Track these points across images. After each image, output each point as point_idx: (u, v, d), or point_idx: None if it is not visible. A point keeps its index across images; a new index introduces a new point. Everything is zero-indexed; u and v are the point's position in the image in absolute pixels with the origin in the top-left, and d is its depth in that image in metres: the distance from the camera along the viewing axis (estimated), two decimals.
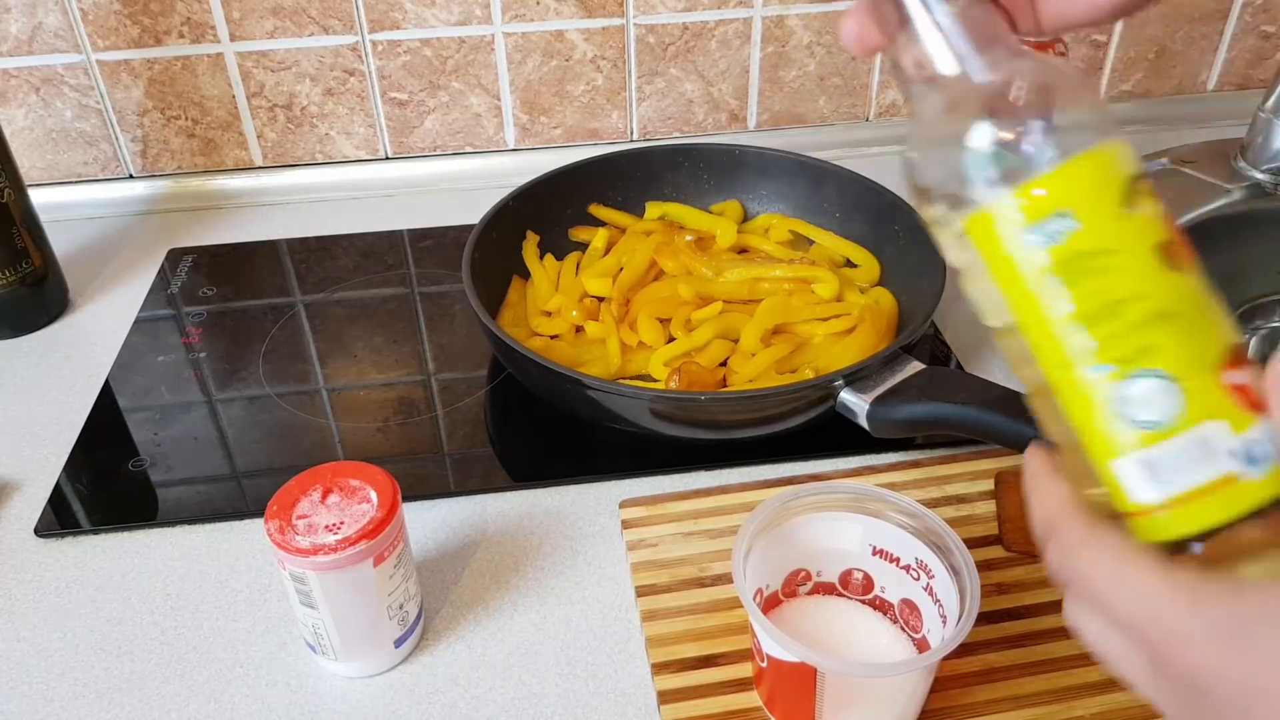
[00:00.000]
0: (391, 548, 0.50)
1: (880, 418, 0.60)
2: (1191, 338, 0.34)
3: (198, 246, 0.91)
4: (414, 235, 0.92)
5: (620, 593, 0.58)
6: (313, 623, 0.51)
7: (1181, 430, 0.34)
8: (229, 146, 0.97)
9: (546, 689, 0.53)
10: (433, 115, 0.97)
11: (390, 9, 0.91)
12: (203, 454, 0.68)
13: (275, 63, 0.92)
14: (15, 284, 0.78)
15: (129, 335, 0.79)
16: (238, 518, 0.63)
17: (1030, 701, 0.50)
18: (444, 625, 0.56)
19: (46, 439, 0.70)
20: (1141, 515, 0.34)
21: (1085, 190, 0.35)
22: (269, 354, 0.77)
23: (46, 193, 0.93)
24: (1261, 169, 0.86)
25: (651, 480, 0.65)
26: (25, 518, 0.64)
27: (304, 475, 0.52)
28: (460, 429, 0.70)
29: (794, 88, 1.00)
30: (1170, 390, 0.34)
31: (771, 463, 0.66)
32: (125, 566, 0.60)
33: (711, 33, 0.96)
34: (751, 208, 0.85)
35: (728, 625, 0.54)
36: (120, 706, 0.53)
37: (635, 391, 0.63)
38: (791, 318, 0.72)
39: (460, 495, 0.64)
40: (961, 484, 0.63)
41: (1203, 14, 1.01)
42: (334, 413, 0.72)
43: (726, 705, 0.51)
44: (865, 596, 0.53)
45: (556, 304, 0.74)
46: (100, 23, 0.89)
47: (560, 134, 1.00)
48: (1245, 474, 0.33)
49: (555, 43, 0.94)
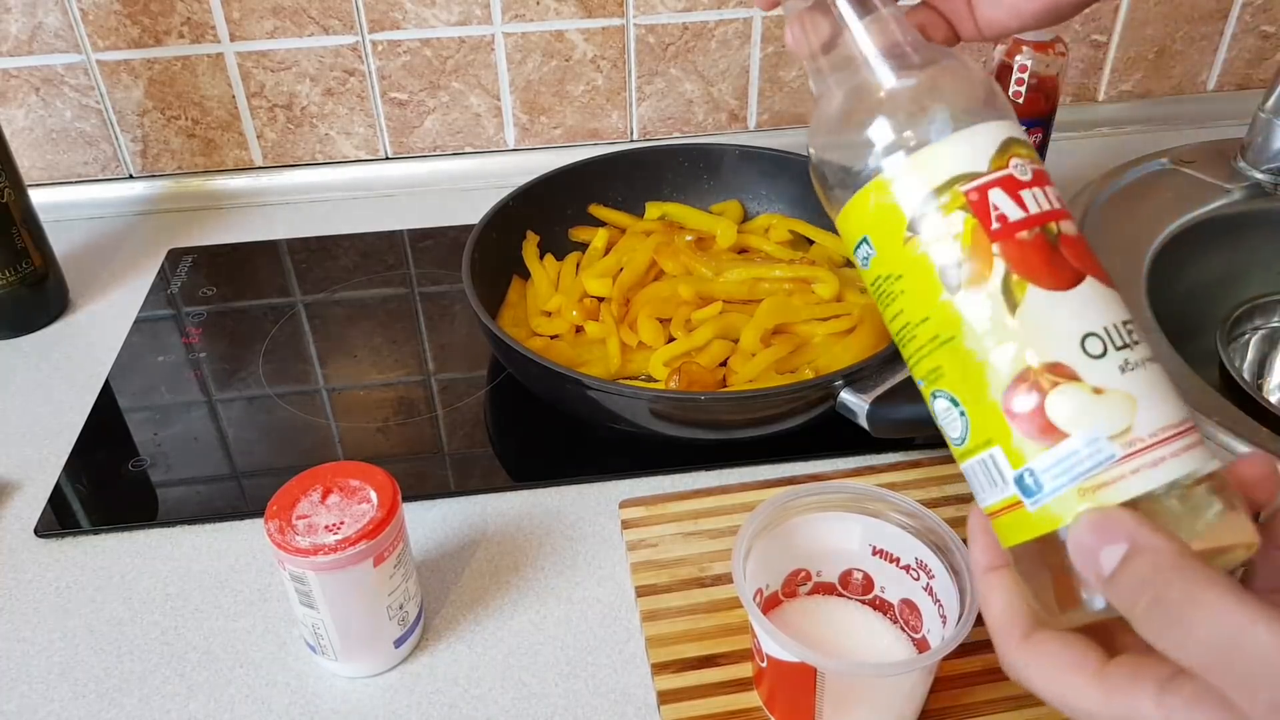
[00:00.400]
0: (391, 548, 0.50)
1: (880, 418, 0.60)
2: (968, 364, 0.33)
3: (198, 246, 0.91)
4: (414, 235, 0.92)
5: (620, 593, 0.58)
6: (313, 623, 0.51)
7: (975, 451, 0.34)
8: (229, 146, 0.97)
9: (546, 689, 0.53)
10: (433, 115, 0.97)
11: (390, 9, 0.91)
12: (203, 454, 0.68)
13: (275, 63, 0.92)
14: (15, 284, 0.78)
15: (129, 335, 0.79)
16: (238, 518, 0.63)
17: (1030, 701, 0.50)
18: (444, 625, 0.56)
19: (46, 439, 0.70)
20: (991, 517, 0.35)
21: (875, 216, 0.35)
22: (269, 354, 0.77)
23: (46, 193, 0.93)
24: (1261, 169, 0.86)
25: (651, 480, 0.65)
26: (25, 518, 0.64)
27: (304, 475, 0.52)
28: (460, 429, 0.70)
29: (794, 88, 1.00)
30: (956, 412, 0.34)
31: (771, 463, 0.66)
32: (125, 566, 0.60)
33: (711, 33, 0.96)
34: (751, 208, 0.85)
35: (728, 625, 0.54)
36: (120, 706, 0.53)
37: (635, 391, 0.63)
38: (791, 318, 0.72)
39: (460, 495, 0.64)
40: (961, 484, 0.63)
41: (1203, 14, 1.01)
42: (334, 413, 0.72)
43: (726, 705, 0.51)
44: (865, 596, 0.53)
45: (556, 304, 0.74)
46: (100, 23, 0.89)
47: (560, 134, 1.00)
48: (1026, 503, 0.32)
49: (555, 43, 0.94)
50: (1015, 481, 0.32)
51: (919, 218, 0.34)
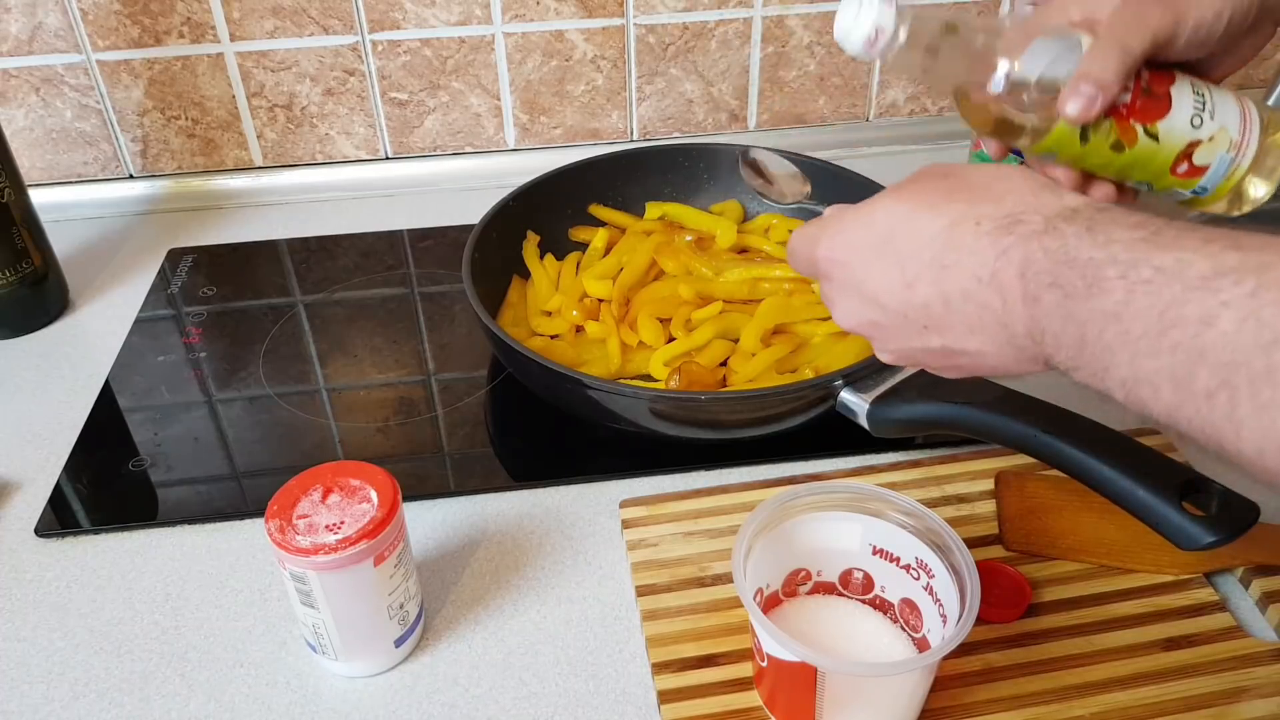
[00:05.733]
0: (392, 547, 0.50)
1: (880, 418, 0.60)
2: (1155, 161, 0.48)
3: (198, 246, 0.91)
4: (414, 235, 0.92)
5: (620, 593, 0.58)
6: (313, 622, 0.51)
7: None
8: (229, 146, 0.97)
9: (546, 689, 0.53)
10: (433, 115, 0.97)
11: (390, 9, 0.91)
12: (203, 454, 0.68)
13: (275, 63, 0.92)
14: (15, 284, 0.78)
15: (129, 335, 0.79)
16: (238, 518, 0.63)
17: (1030, 701, 0.50)
18: (444, 625, 0.56)
19: (46, 439, 0.70)
20: None
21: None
22: (269, 354, 0.77)
23: (46, 193, 0.93)
24: None
25: (651, 480, 0.65)
26: (25, 518, 0.64)
27: (304, 475, 0.52)
28: (460, 429, 0.70)
29: (794, 88, 1.00)
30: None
31: (771, 463, 0.66)
32: (125, 566, 0.60)
33: (711, 33, 0.96)
34: (751, 208, 0.85)
35: (728, 625, 0.54)
36: (120, 706, 0.53)
37: (635, 391, 0.63)
38: (791, 318, 0.72)
39: (460, 495, 0.64)
40: (961, 484, 0.63)
41: None
42: (334, 413, 0.72)
43: (726, 705, 0.51)
44: (865, 596, 0.53)
45: (556, 304, 0.74)
46: (100, 23, 0.89)
47: (560, 134, 1.00)
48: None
49: (555, 43, 0.94)
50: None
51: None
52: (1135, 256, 0.34)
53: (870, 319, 0.44)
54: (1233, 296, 0.31)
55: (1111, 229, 0.35)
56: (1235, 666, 0.52)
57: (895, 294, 0.42)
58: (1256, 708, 0.50)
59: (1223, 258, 0.32)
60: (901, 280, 0.42)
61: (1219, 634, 0.53)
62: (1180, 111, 0.47)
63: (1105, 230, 0.35)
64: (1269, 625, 0.55)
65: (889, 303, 0.42)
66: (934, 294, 0.40)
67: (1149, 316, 0.33)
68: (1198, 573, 0.56)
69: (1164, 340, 0.32)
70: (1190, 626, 0.54)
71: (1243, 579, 0.57)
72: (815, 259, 0.46)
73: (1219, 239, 0.33)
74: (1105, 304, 0.34)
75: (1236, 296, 0.31)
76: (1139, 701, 0.50)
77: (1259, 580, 0.56)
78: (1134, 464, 0.49)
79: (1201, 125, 0.47)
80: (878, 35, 0.46)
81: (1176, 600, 0.55)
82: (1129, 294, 0.33)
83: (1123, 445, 0.50)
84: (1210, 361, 0.31)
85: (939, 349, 0.42)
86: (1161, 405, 0.33)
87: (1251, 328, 0.30)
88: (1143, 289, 0.33)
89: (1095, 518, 0.59)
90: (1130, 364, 0.33)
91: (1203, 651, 0.52)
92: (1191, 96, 0.48)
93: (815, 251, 0.46)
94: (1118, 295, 0.34)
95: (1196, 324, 0.31)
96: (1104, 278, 0.34)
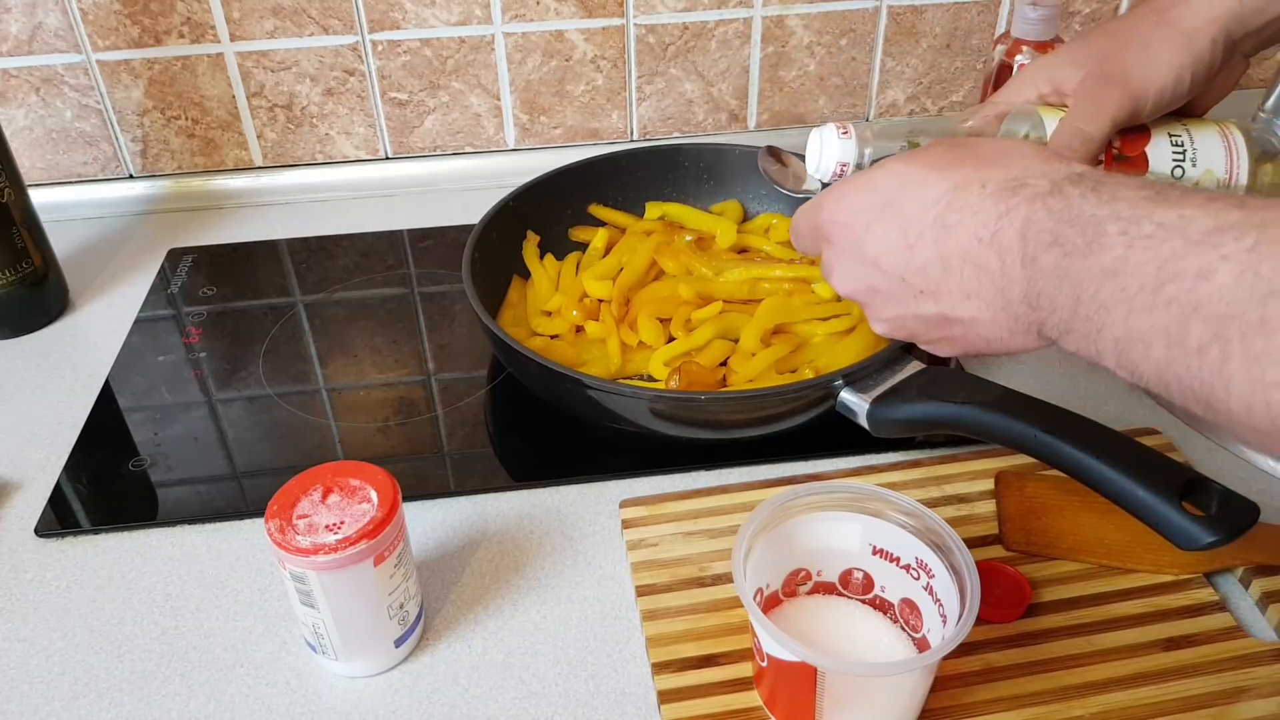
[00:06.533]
0: (392, 547, 0.50)
1: (880, 418, 0.60)
2: None
3: (198, 246, 0.91)
4: (414, 235, 0.92)
5: (620, 593, 0.58)
6: (313, 622, 0.51)
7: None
8: (229, 146, 0.97)
9: (546, 689, 0.53)
10: (433, 115, 0.97)
11: (390, 9, 0.91)
12: (203, 454, 0.68)
13: (275, 63, 0.92)
14: (15, 284, 0.78)
15: (129, 335, 0.79)
16: (238, 518, 0.63)
17: (1030, 701, 0.50)
18: (444, 625, 0.56)
19: (46, 439, 0.70)
20: None
21: None
22: (269, 354, 0.77)
23: (46, 193, 0.93)
24: None
25: (651, 480, 0.65)
26: (25, 518, 0.64)
27: (304, 475, 0.52)
28: (460, 429, 0.70)
29: (794, 88, 1.00)
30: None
31: (771, 463, 0.66)
32: (125, 566, 0.60)
33: (711, 33, 0.96)
34: (751, 208, 0.85)
35: (728, 625, 0.54)
36: (120, 706, 0.53)
37: (635, 391, 0.63)
38: (791, 318, 0.72)
39: (460, 495, 0.64)
40: (961, 484, 0.63)
41: None
42: (334, 413, 0.72)
43: (726, 705, 0.51)
44: (865, 596, 0.53)
45: (556, 304, 0.74)
46: (100, 23, 0.89)
47: (560, 134, 1.00)
48: None
49: (555, 43, 0.94)
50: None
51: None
52: (1138, 213, 0.34)
53: (868, 283, 0.44)
54: (1232, 250, 0.31)
55: (1117, 189, 0.36)
56: (1235, 666, 0.52)
57: (895, 256, 0.42)
58: (1256, 708, 0.50)
59: (1225, 214, 0.32)
60: (903, 242, 0.42)
61: (1219, 634, 0.53)
62: (1158, 167, 0.47)
63: (1110, 190, 0.36)
64: (1269, 625, 0.55)
65: (888, 266, 0.43)
66: (933, 256, 0.41)
67: (1147, 271, 0.33)
68: (1198, 573, 0.56)
69: (1160, 295, 0.32)
70: (1190, 626, 0.54)
71: (1243, 579, 0.57)
72: (819, 223, 0.46)
73: (1222, 198, 0.33)
74: (1104, 260, 0.34)
75: (1236, 251, 0.31)
76: (1139, 701, 0.50)
77: (1259, 580, 0.56)
78: (1134, 464, 0.49)
79: (1184, 174, 0.47)
80: (842, 169, 0.48)
81: (1176, 600, 0.55)
82: (1128, 249, 0.34)
83: (1123, 445, 0.50)
84: (1204, 314, 0.31)
85: (934, 315, 0.42)
86: (1152, 364, 0.33)
87: (1249, 281, 0.30)
88: (1143, 244, 0.33)
89: (1095, 518, 0.59)
90: (1124, 321, 0.34)
91: (1203, 651, 0.52)
92: (1170, 150, 0.47)
93: (819, 216, 0.46)
94: (1117, 251, 0.34)
95: (1194, 278, 0.31)
96: (1104, 234, 0.34)
